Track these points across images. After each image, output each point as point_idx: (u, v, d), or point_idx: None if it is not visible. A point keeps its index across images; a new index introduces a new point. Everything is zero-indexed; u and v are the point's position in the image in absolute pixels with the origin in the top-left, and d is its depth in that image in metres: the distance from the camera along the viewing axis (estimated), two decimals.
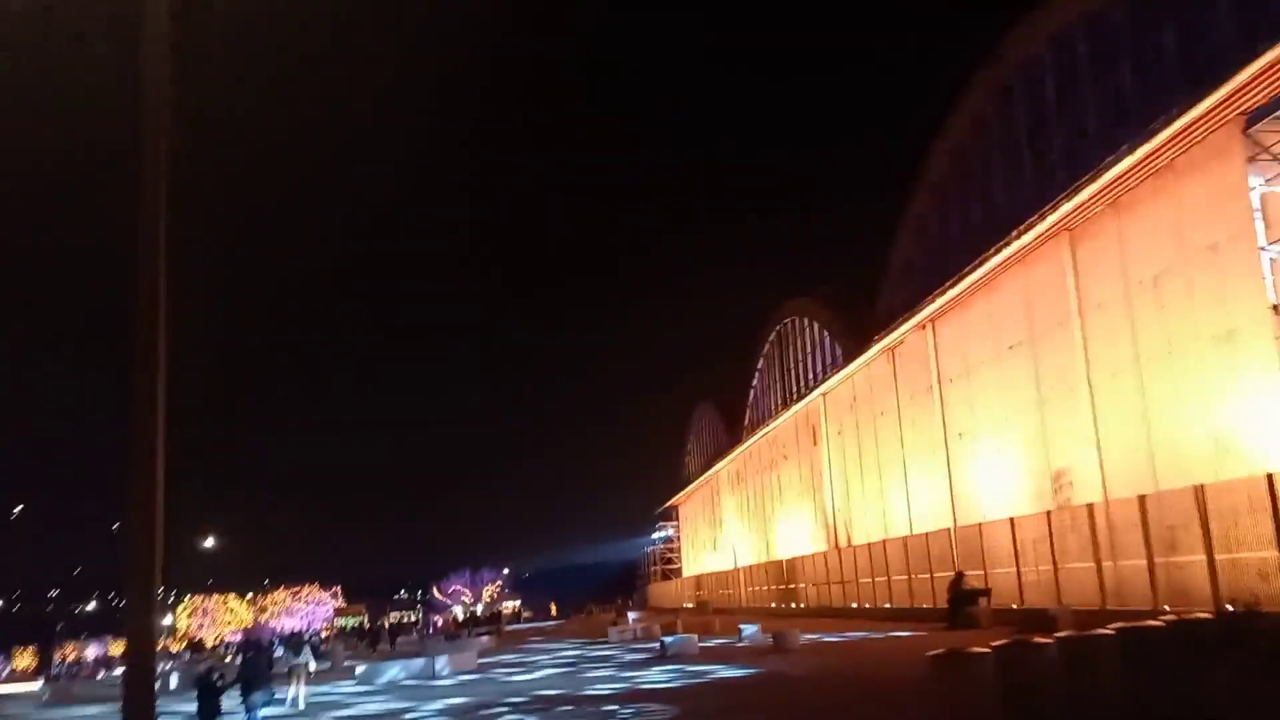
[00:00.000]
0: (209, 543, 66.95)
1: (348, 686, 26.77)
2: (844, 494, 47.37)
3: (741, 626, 29.05)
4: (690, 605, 72.45)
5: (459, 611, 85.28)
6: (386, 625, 61.99)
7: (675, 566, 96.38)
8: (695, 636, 27.03)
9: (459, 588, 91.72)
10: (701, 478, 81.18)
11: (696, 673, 21.19)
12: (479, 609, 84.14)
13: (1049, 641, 9.17)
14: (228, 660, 19.84)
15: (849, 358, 45.11)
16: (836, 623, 33.72)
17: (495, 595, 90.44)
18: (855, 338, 45.17)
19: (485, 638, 45.26)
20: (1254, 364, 20.81)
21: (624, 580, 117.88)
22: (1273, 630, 9.23)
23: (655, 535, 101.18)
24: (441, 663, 28.17)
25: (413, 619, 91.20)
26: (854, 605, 39.40)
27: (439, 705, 19.62)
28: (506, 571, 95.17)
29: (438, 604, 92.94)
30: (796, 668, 20.52)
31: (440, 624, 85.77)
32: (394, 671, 27.80)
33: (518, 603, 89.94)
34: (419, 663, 28.75)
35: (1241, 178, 20.77)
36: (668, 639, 26.68)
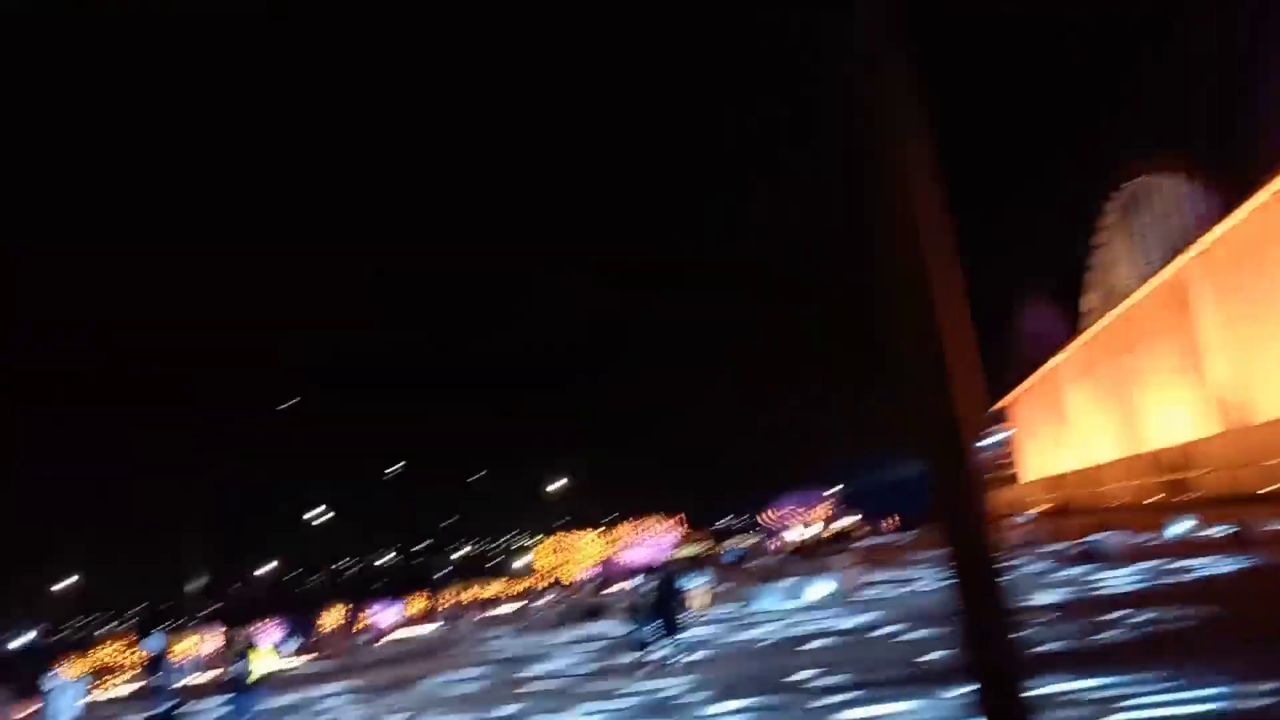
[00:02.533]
0: (558, 484, 70.51)
1: (741, 607, 26.23)
2: (1236, 364, 41.52)
3: (1173, 519, 25.67)
4: (1034, 513, 67.72)
5: (795, 535, 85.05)
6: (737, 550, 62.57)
7: (1010, 472, 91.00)
8: (1119, 534, 24.09)
9: (790, 509, 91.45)
10: (1036, 373, 75.47)
11: (1172, 570, 18.58)
12: (815, 530, 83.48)
13: None
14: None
15: (1225, 211, 39.16)
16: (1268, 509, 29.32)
17: (829, 515, 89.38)
18: (1230, 186, 39.09)
19: (841, 555, 43.95)
20: None
21: None
22: None
23: (984, 441, 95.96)
24: (830, 581, 27.19)
25: (751, 544, 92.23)
26: (1263, 490, 34.23)
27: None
28: (838, 489, 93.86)
29: (771, 527, 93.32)
30: None
31: (777, 547, 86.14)
32: (776, 595, 27.00)
33: (857, 518, 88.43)
34: (804, 583, 27.81)
35: None
36: (1092, 538, 23.90)
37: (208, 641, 55.46)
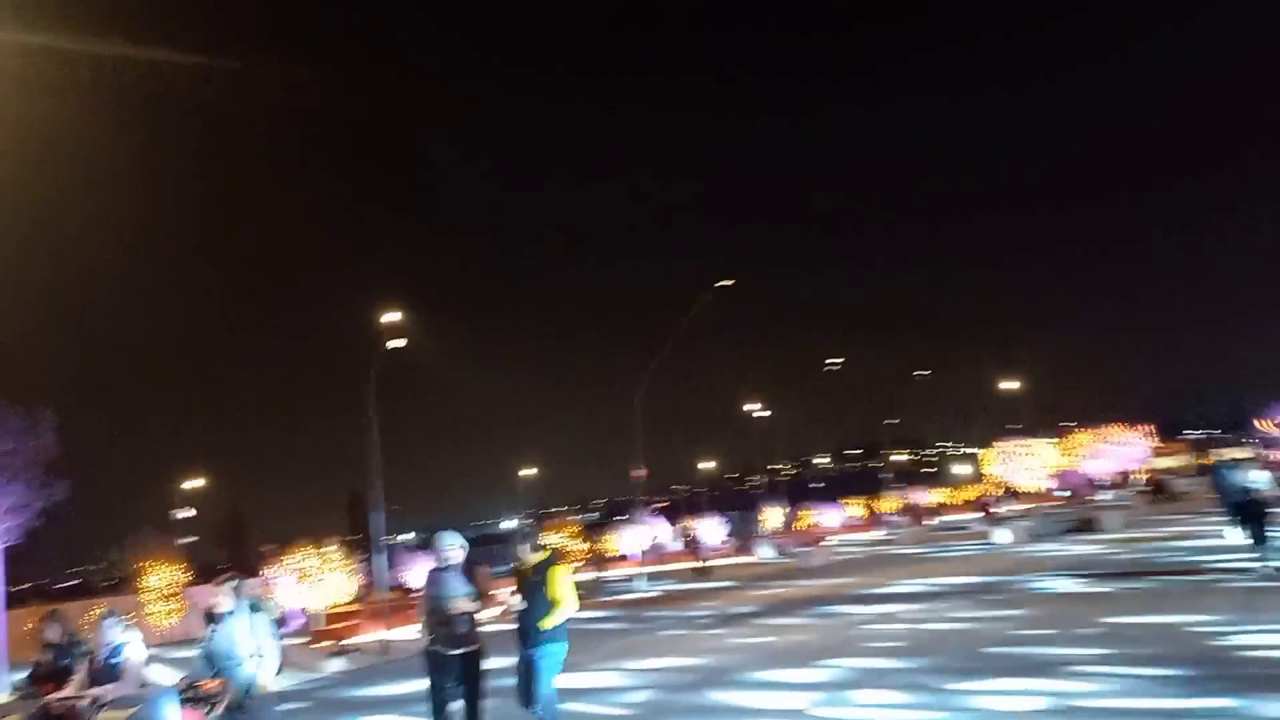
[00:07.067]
0: (1013, 385, 64.17)
1: None
2: None
3: None
4: None
5: None
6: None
7: None
8: None
9: None
10: None
11: None
12: None
13: None
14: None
15: None
16: None
17: None
18: None
19: None
20: None
21: None
22: None
23: None
24: None
25: (1244, 456, 79.03)
26: None
27: None
28: None
29: (1270, 439, 78.97)
30: None
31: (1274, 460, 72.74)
32: None
33: None
34: None
35: None
36: None
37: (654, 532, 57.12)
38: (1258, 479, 17.05)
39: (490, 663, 8.43)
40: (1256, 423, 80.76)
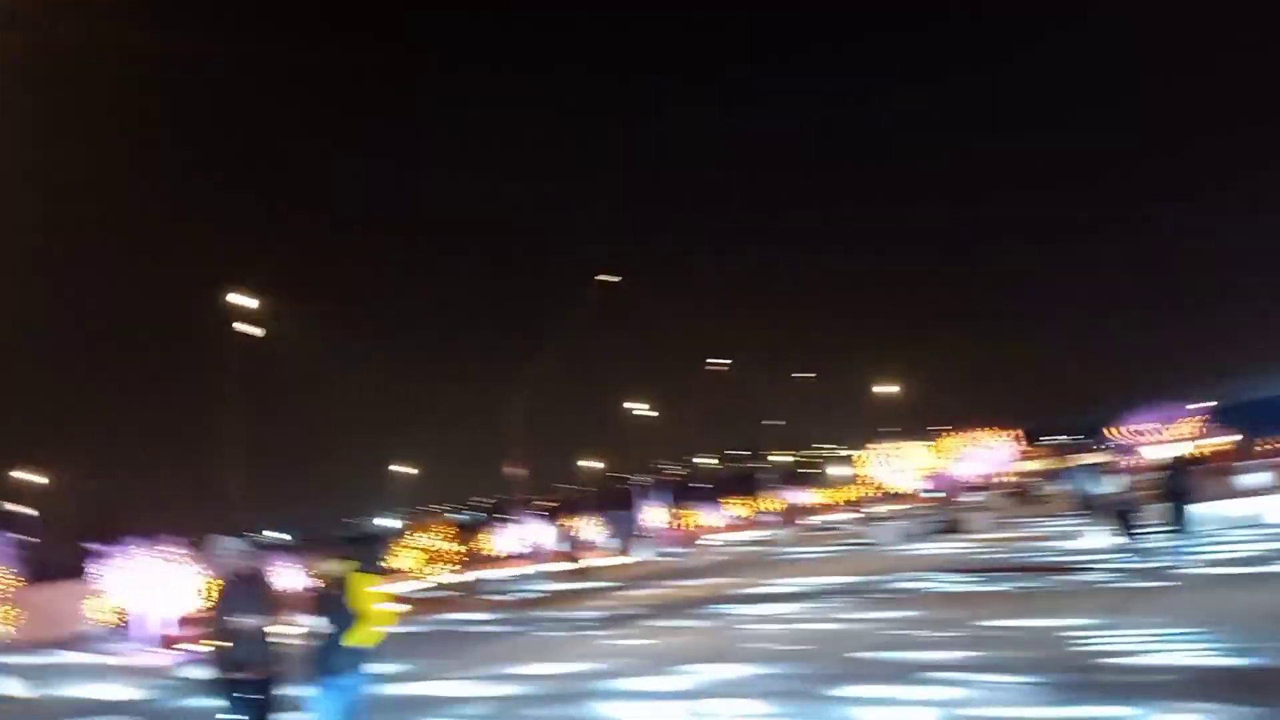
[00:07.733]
0: (889, 389, 65.62)
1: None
2: None
3: None
4: None
5: (1154, 452, 74.81)
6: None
7: None
8: None
9: (1149, 425, 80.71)
10: None
11: None
12: (1182, 449, 73.04)
13: None
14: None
15: None
16: None
17: (1198, 433, 77.97)
18: None
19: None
20: None
21: None
22: None
23: None
24: None
25: (1099, 462, 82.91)
26: None
27: None
28: (1206, 405, 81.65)
29: (1122, 443, 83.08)
30: None
31: (1133, 465, 76.51)
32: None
33: (1236, 438, 76.66)
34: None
35: None
36: None
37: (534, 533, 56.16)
38: (1110, 482, 17.82)
39: (287, 688, 7.38)
40: (1106, 431, 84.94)
